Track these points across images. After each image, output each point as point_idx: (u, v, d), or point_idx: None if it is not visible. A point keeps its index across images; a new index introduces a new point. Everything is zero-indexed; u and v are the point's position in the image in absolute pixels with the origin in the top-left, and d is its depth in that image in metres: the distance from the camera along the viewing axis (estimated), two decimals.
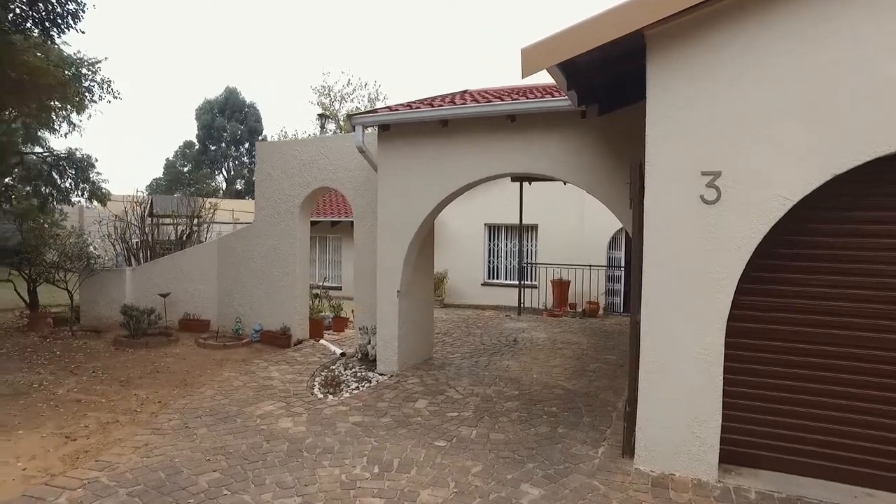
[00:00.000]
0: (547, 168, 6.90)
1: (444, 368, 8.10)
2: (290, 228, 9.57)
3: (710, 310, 4.38)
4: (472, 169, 7.27)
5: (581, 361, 8.64)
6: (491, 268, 16.24)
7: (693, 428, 4.46)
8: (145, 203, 13.04)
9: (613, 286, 14.97)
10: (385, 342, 7.89)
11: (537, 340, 10.28)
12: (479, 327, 11.71)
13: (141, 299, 10.32)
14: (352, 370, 8.06)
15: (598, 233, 14.65)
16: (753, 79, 4.24)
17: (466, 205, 16.07)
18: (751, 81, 4.24)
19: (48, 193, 19.66)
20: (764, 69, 4.20)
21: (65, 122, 19.93)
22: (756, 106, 4.23)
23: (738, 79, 4.28)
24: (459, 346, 9.73)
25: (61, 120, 19.87)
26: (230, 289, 10.19)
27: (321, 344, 9.62)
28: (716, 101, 4.34)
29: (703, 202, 4.38)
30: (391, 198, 7.77)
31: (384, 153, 7.83)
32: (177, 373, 7.74)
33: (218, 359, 8.53)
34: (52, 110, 18.35)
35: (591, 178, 6.66)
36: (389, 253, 7.81)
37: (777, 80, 4.17)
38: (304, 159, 9.41)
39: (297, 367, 8.07)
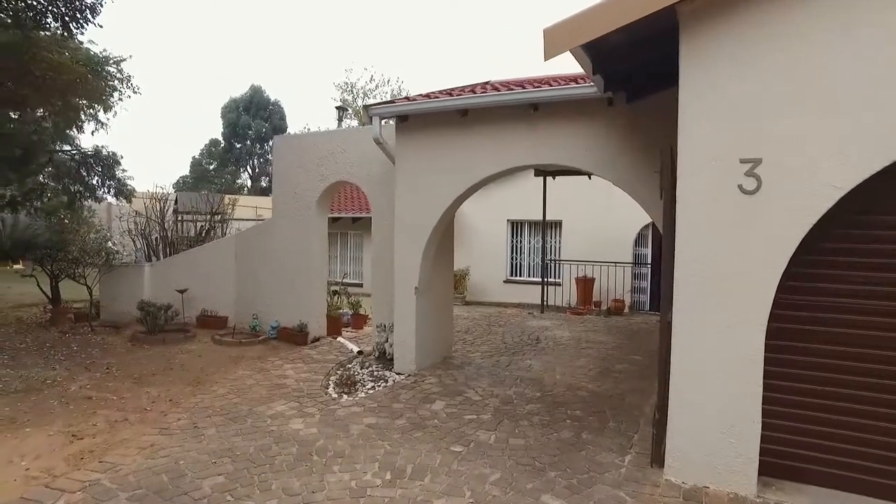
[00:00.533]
0: (571, 159, 6.55)
1: (464, 368, 7.81)
2: (306, 224, 9.36)
3: (749, 309, 4.01)
4: (492, 161, 6.95)
5: (606, 362, 8.27)
6: (514, 265, 15.89)
7: (729, 437, 4.10)
8: (165, 198, 12.97)
9: (639, 284, 14.52)
10: (402, 341, 7.63)
11: (561, 339, 9.93)
12: (500, 325, 11.39)
13: (160, 295, 10.22)
14: (368, 369, 7.81)
15: (624, 229, 14.20)
16: (803, 55, 3.85)
17: (489, 201, 15.77)
18: (800, 58, 3.85)
19: (76, 191, 19.84)
20: (816, 44, 3.81)
21: (92, 120, 20.14)
22: (805, 85, 3.84)
23: (784, 55, 3.89)
24: (480, 344, 9.42)
25: (88, 118, 20.09)
26: (247, 285, 10.03)
27: (339, 341, 9.40)
28: (758, 81, 3.96)
29: (741, 192, 4.00)
30: (409, 191, 7.50)
31: (402, 145, 7.55)
32: (191, 370, 7.58)
33: (233, 356, 8.35)
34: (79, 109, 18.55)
35: (618, 169, 6.30)
36: (407, 249, 7.54)
37: (831, 56, 3.78)
38: (321, 153, 9.19)
39: (313, 366, 7.85)
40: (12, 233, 17.30)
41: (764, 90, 3.95)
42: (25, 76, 10.01)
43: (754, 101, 3.97)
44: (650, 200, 6.07)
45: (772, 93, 3.93)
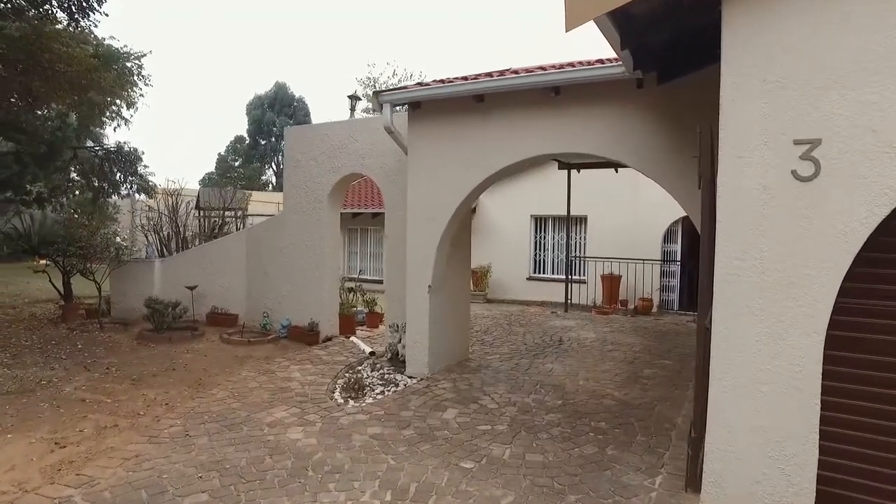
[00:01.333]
0: (597, 147, 5.98)
1: (480, 372, 7.30)
2: (318, 218, 8.93)
3: (804, 315, 3.42)
4: (511, 150, 6.42)
5: (633, 366, 7.68)
6: (537, 262, 15.29)
7: (779, 462, 3.52)
8: (177, 193, 12.69)
9: (668, 282, 13.82)
10: (414, 342, 7.15)
11: (585, 341, 9.35)
12: (522, 325, 10.84)
13: (170, 291, 9.92)
14: (379, 371, 7.35)
15: (653, 225, 13.52)
16: (877, 14, 3.24)
17: (512, 195, 15.22)
18: (872, 18, 3.24)
19: (99, 187, 19.80)
20: None
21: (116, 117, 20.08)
22: (877, 51, 3.23)
23: (851, 18, 3.29)
24: (499, 346, 8.90)
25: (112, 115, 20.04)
26: (258, 282, 9.66)
27: (351, 341, 8.96)
28: (818, 49, 3.36)
29: (795, 178, 3.41)
30: (422, 183, 7.01)
31: (415, 134, 7.06)
32: (193, 371, 7.20)
33: (240, 356, 7.97)
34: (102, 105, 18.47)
35: (648, 158, 5.71)
36: (420, 243, 7.05)
37: None
38: (332, 144, 8.75)
39: (321, 367, 7.42)
40: (40, 229, 17.30)
41: (824, 60, 3.35)
42: (34, 67, 9.77)
43: (813, 71, 3.37)
44: (685, 191, 5.48)
45: (834, 62, 3.32)
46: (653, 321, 11.71)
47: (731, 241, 3.66)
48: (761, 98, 3.53)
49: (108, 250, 9.37)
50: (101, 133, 20.69)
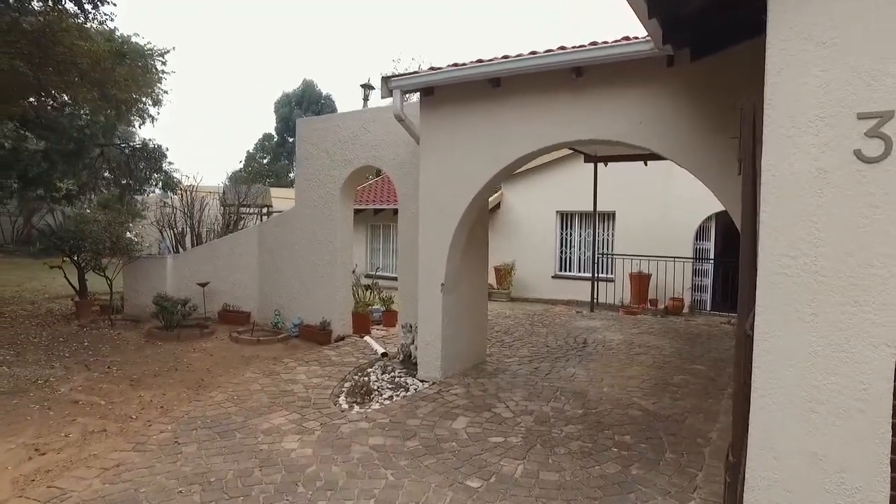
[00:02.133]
0: (623, 133, 5.43)
1: (497, 376, 6.81)
2: (330, 213, 8.54)
3: (870, 322, 2.85)
4: (529, 138, 5.91)
5: (663, 372, 7.09)
6: (563, 259, 14.69)
7: (838, 498, 2.95)
8: (193, 189, 12.46)
9: (700, 281, 13.10)
10: (427, 344, 6.69)
11: (611, 343, 8.77)
12: (545, 325, 10.30)
13: (182, 288, 9.65)
14: (389, 374, 6.92)
15: (684, 221, 12.83)
16: None
17: (536, 191, 14.67)
18: None
19: (126, 183, 19.83)
20: None
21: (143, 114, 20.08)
22: None
23: None
24: (519, 347, 8.38)
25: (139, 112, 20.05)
26: (270, 279, 9.32)
27: (365, 341, 8.54)
28: None
29: (859, 159, 2.84)
30: (434, 174, 6.54)
31: (427, 122, 6.60)
32: (196, 371, 6.87)
33: (247, 356, 7.62)
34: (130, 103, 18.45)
35: (680, 144, 5.14)
36: (432, 239, 6.59)
37: None
38: (344, 135, 8.34)
39: (329, 369, 7.01)
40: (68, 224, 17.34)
41: None
42: (47, 61, 9.59)
43: (883, 29, 2.80)
44: (722, 181, 4.91)
45: None
46: (684, 322, 11.05)
47: (778, 234, 3.10)
48: (816, 65, 2.96)
49: (118, 245, 9.12)
50: (130, 131, 20.73)
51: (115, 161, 18.76)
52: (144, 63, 16.89)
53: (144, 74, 16.94)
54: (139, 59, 16.69)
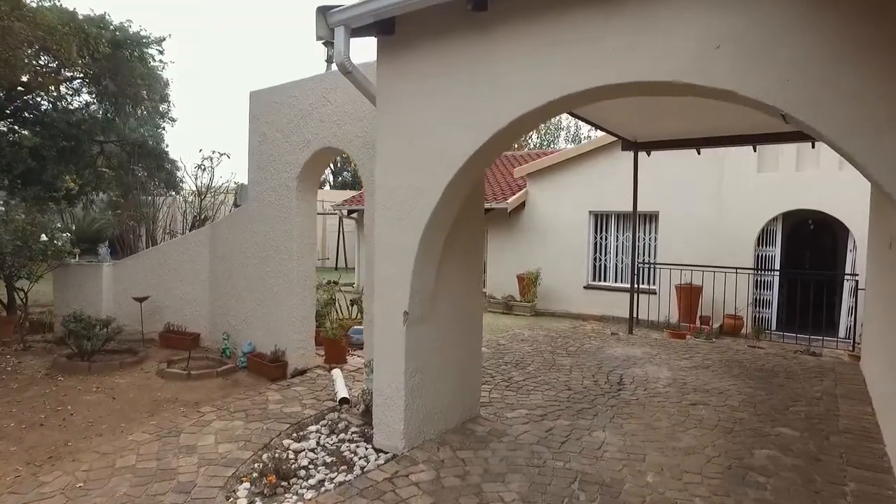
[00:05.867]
0: (685, 70, 3.09)
1: (489, 446, 4.52)
2: (285, 211, 6.40)
3: None
4: (534, 85, 3.63)
5: (735, 441, 4.68)
6: (597, 267, 12.23)
7: None
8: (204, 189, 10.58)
9: (763, 295, 10.48)
10: (384, 399, 4.46)
11: (655, 384, 6.37)
12: (570, 352, 7.94)
13: (123, 302, 7.69)
14: (338, 436, 4.73)
15: (743, 223, 10.26)
16: None
17: (565, 188, 12.28)
18: None
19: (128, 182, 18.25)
20: None
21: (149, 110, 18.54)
22: None
23: None
24: (531, 390, 6.06)
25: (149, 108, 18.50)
26: (223, 293, 7.25)
27: (331, 376, 6.33)
28: None
29: None
30: (396, 149, 4.33)
31: (386, 74, 4.39)
32: (71, 427, 4.80)
33: (161, 399, 5.54)
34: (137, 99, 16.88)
35: (794, 82, 2.78)
36: (391, 246, 4.37)
37: None
38: (301, 109, 6.20)
39: (254, 427, 4.84)
40: (77, 228, 15.82)
41: None
42: None
43: None
44: (876, 148, 2.53)
45: None
46: (747, 349, 8.51)
47: None
48: None
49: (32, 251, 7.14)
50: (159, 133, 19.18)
51: (117, 159, 17.24)
52: (140, 52, 15.28)
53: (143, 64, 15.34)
54: (134, 48, 15.09)
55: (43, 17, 9.81)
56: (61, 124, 15.84)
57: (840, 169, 9.46)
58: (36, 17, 9.51)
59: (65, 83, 15.75)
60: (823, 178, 9.52)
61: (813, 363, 7.59)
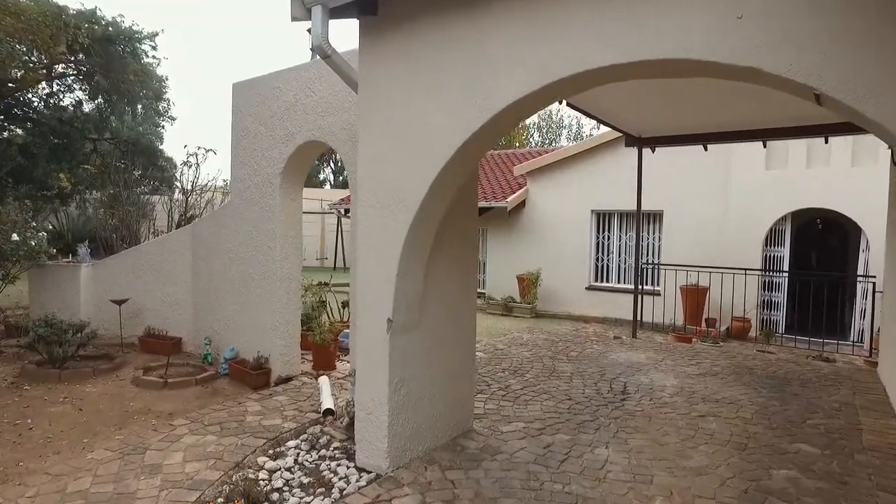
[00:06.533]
0: (701, 46, 2.69)
1: (481, 465, 4.11)
2: (269, 208, 6.01)
3: None
4: (531, 65, 3.23)
5: (749, 459, 4.27)
6: (599, 267, 11.80)
7: None
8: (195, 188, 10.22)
9: (771, 296, 10.06)
10: (367, 414, 4.06)
11: (661, 393, 5.96)
12: (571, 358, 7.53)
13: (102, 305, 7.31)
14: (319, 453, 4.33)
15: (751, 222, 9.84)
16: None
17: (567, 185, 11.87)
18: None
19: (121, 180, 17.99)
20: None
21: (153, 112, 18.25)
22: None
23: None
24: (529, 401, 5.65)
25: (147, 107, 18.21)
26: (205, 295, 6.85)
27: (318, 384, 5.92)
28: None
29: None
30: (380, 139, 3.93)
31: (369, 59, 3.99)
32: (26, 443, 4.38)
33: (133, 409, 5.14)
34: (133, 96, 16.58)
35: (830, 55, 2.37)
36: (374, 246, 3.97)
37: None
38: (285, 100, 5.80)
39: (228, 442, 4.44)
40: (73, 226, 15.47)
41: None
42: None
43: None
44: None
45: None
46: (756, 354, 8.09)
47: None
48: None
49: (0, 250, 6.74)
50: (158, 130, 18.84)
51: (110, 157, 16.88)
52: (132, 47, 14.91)
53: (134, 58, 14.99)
54: (126, 44, 14.73)
55: (24, 9, 9.46)
56: (52, 122, 15.51)
57: (852, 165, 9.04)
58: (17, 8, 9.15)
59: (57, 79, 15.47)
60: (835, 175, 9.10)
61: (827, 370, 7.17)
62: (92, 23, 13.83)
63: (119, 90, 15.61)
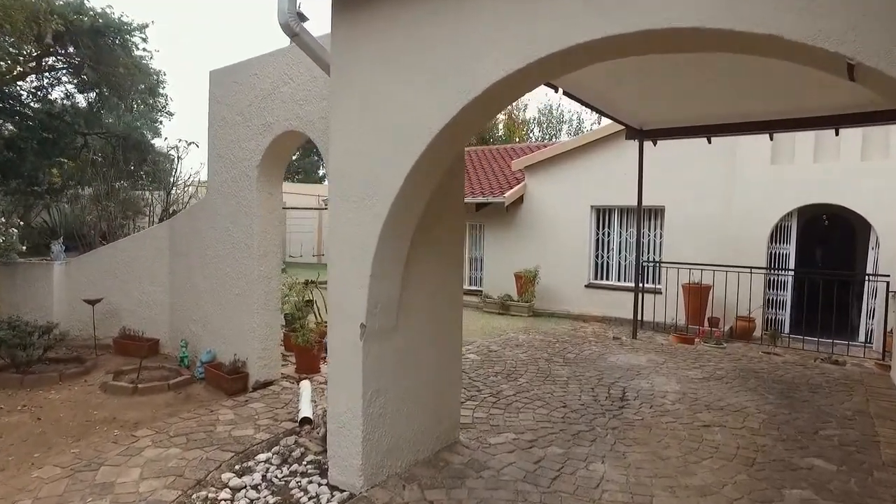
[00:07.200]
0: (712, 11, 2.29)
1: (466, 482, 3.74)
2: (246, 203, 5.62)
3: None
4: (518, 40, 2.84)
5: (758, 476, 3.89)
6: (598, 265, 11.40)
7: None
8: None
9: (777, 295, 9.66)
10: (340, 427, 3.69)
11: (662, 399, 5.58)
12: (567, 361, 7.15)
13: (77, 305, 6.95)
14: (290, 468, 3.96)
15: (756, 219, 9.44)
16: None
17: (566, 180, 11.48)
18: None
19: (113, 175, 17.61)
20: None
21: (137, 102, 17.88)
22: None
23: None
24: (521, 408, 5.28)
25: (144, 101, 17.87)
26: (183, 294, 6.49)
27: (299, 389, 5.56)
28: None
29: None
30: (353, 123, 3.54)
31: (342, 38, 3.60)
32: None
33: (98, 419, 4.78)
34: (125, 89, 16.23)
35: (869, 18, 1.98)
36: (347, 242, 3.59)
37: None
38: (263, 88, 5.41)
39: (192, 456, 4.08)
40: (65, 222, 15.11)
41: None
42: None
43: None
44: None
45: None
46: (762, 356, 7.70)
47: None
48: None
49: None
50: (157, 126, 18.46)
51: (102, 152, 16.52)
52: (122, 39, 14.51)
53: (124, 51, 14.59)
54: (116, 36, 14.33)
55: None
56: (41, 115, 15.14)
57: (862, 160, 8.63)
58: None
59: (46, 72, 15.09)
60: (844, 169, 8.69)
61: (837, 373, 6.78)
62: (79, 13, 13.46)
63: (110, 83, 15.25)
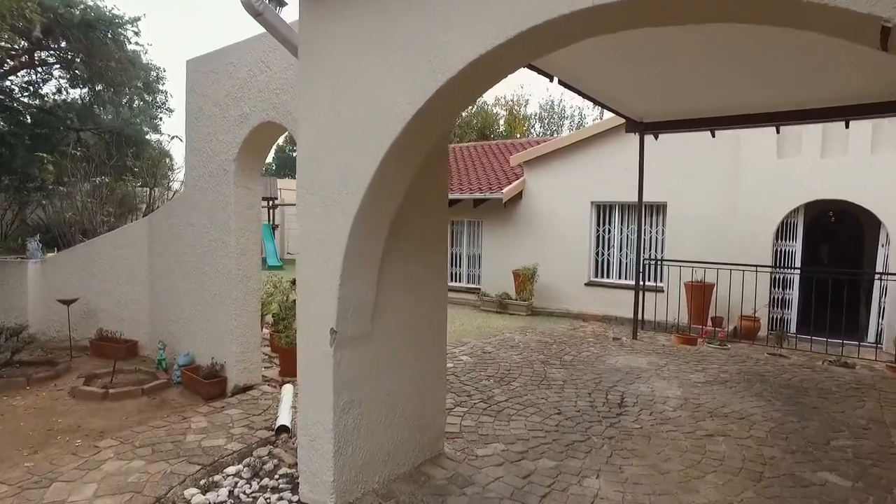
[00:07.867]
0: None
1: (448, 499, 3.42)
2: (223, 199, 5.31)
3: None
4: (491, 15, 2.52)
5: (766, 493, 3.56)
6: (599, 262, 11.07)
7: None
8: None
9: (783, 293, 9.32)
10: (311, 438, 3.38)
11: (663, 405, 5.25)
12: (564, 363, 6.83)
13: (53, 305, 6.65)
14: (260, 483, 3.66)
15: (761, 215, 9.10)
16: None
17: (566, 176, 11.14)
18: None
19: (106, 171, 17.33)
20: None
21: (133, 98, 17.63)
22: None
23: None
24: (513, 415, 4.96)
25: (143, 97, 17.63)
26: (161, 294, 6.19)
27: (280, 394, 5.27)
28: None
29: None
30: (321, 109, 3.23)
31: (309, 17, 3.28)
32: None
33: (62, 427, 4.48)
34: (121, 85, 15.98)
35: None
36: (316, 240, 3.28)
37: None
38: (239, 77, 5.09)
39: (156, 470, 3.77)
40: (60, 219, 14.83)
41: None
42: None
43: None
44: None
45: None
46: (768, 358, 7.36)
47: None
48: None
49: None
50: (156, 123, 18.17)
51: (95, 148, 16.25)
52: (114, 33, 14.21)
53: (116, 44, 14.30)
54: (107, 29, 14.03)
55: None
56: (33, 110, 14.88)
57: (872, 153, 8.27)
58: None
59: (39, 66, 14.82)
60: (853, 163, 8.33)
61: (847, 377, 6.45)
62: (69, 6, 13.18)
63: (103, 78, 14.98)
